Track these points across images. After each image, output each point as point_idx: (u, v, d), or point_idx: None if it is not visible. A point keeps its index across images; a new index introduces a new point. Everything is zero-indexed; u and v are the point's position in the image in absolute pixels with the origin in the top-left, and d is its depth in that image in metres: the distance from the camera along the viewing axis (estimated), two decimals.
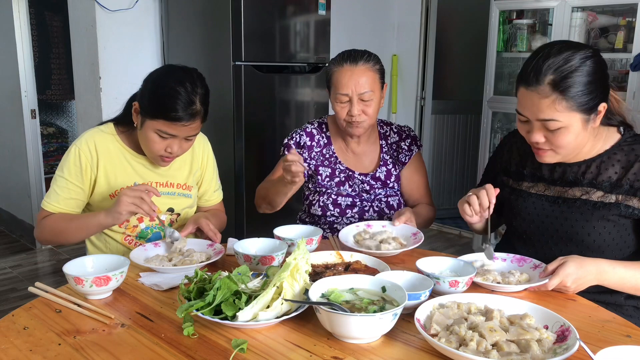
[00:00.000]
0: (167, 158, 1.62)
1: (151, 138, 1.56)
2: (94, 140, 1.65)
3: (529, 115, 1.35)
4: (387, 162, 1.91)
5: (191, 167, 1.78)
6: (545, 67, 1.29)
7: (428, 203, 1.94)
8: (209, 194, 1.87)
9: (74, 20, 3.28)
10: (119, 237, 1.69)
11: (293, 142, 1.89)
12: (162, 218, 1.71)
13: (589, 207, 1.41)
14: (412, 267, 1.35)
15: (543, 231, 1.49)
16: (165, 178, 1.73)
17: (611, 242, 1.40)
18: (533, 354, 0.97)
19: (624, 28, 3.08)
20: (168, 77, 1.54)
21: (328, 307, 1.03)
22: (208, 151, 1.84)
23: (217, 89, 2.91)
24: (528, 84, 1.31)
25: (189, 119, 1.52)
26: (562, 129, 1.32)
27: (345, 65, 1.76)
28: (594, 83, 1.29)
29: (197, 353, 1.01)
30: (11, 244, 4.15)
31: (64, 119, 5.46)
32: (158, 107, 1.51)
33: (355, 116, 1.75)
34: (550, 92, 1.28)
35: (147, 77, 1.59)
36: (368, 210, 1.87)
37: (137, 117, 1.59)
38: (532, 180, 1.53)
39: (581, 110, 1.30)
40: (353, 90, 1.74)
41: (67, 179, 1.62)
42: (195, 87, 1.53)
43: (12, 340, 1.06)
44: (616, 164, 1.40)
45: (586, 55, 1.30)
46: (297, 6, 3.05)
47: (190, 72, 1.57)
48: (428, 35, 4.42)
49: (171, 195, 1.74)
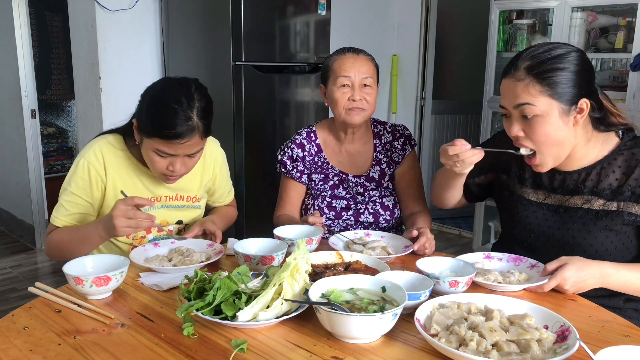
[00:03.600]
0: (171, 177, 1.55)
1: (151, 157, 1.50)
2: (102, 153, 1.58)
3: (506, 104, 1.36)
4: (380, 162, 1.90)
5: (202, 178, 1.74)
6: (524, 55, 1.33)
7: (422, 208, 1.88)
8: (224, 197, 1.87)
9: (74, 20, 3.28)
10: (126, 247, 1.66)
11: (286, 158, 1.88)
12: (170, 228, 1.70)
13: (591, 217, 1.39)
14: (412, 267, 1.35)
15: (544, 241, 1.47)
16: (175, 192, 1.69)
17: (613, 250, 1.39)
18: (533, 354, 0.97)
19: (624, 28, 3.08)
20: (164, 93, 1.48)
21: (328, 307, 1.03)
22: (219, 157, 1.79)
23: (217, 89, 2.92)
24: (507, 73, 1.35)
25: (186, 135, 1.44)
26: (538, 118, 1.31)
27: (347, 54, 1.80)
28: (574, 74, 1.30)
29: (197, 353, 1.01)
30: (11, 244, 4.15)
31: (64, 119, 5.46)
32: (153, 125, 1.45)
33: (357, 101, 1.76)
34: (524, 76, 1.31)
35: (144, 93, 1.53)
36: (363, 212, 1.86)
37: (137, 134, 1.53)
38: (532, 187, 1.51)
39: (557, 99, 1.29)
40: (356, 74, 1.75)
41: (75, 193, 1.57)
42: (191, 101, 1.44)
43: (12, 340, 1.06)
44: (617, 170, 1.38)
45: (569, 49, 1.32)
46: (297, 6, 3.05)
47: (188, 85, 1.49)
48: (428, 35, 4.42)
49: (180, 208, 1.71)
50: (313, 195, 1.89)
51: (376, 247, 1.53)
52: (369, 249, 1.51)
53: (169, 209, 1.69)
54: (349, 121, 1.80)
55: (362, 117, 1.79)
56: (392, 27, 4.53)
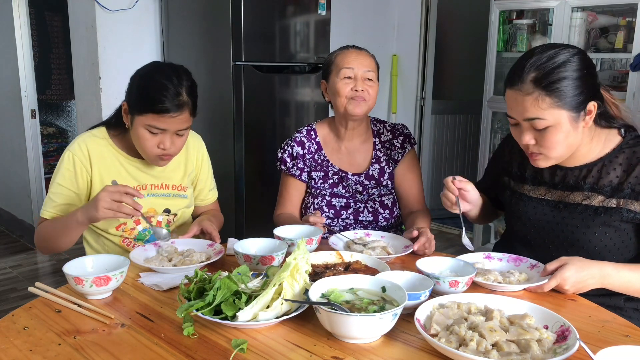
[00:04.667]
0: (164, 156, 1.60)
1: (142, 135, 1.55)
2: (87, 144, 1.64)
3: (515, 115, 1.35)
4: (380, 160, 1.90)
5: (186, 168, 1.79)
6: (528, 65, 1.30)
7: (422, 207, 1.90)
8: (205, 194, 1.88)
9: (74, 20, 3.29)
10: (117, 239, 1.69)
11: (287, 155, 1.89)
12: (159, 219, 1.72)
13: (590, 213, 1.40)
14: (412, 267, 1.35)
15: (544, 236, 1.48)
16: (160, 180, 1.73)
17: (612, 247, 1.40)
18: (533, 354, 0.97)
19: (624, 28, 3.08)
20: (154, 72, 1.57)
21: (328, 307, 1.03)
22: (202, 151, 1.85)
23: (217, 89, 2.92)
24: (512, 84, 1.33)
25: (177, 110, 1.52)
26: (549, 128, 1.31)
27: (350, 49, 1.84)
28: (579, 79, 1.29)
29: (197, 353, 1.01)
30: (11, 244, 4.15)
31: (64, 119, 5.46)
32: (145, 101, 1.52)
33: (360, 92, 1.77)
34: (532, 89, 1.29)
35: (133, 75, 1.60)
36: (362, 210, 1.86)
37: (127, 117, 1.59)
38: (533, 184, 1.52)
39: (567, 108, 1.29)
40: (358, 67, 1.78)
41: (61, 184, 1.63)
42: (181, 80, 1.54)
43: (12, 340, 1.06)
44: (617, 167, 1.39)
45: (571, 53, 1.30)
46: (297, 6, 3.05)
47: (176, 67, 1.59)
48: (428, 35, 4.42)
49: (167, 196, 1.74)
50: (313, 194, 1.89)
51: (376, 247, 1.53)
52: (369, 249, 1.51)
53: (155, 197, 1.71)
54: (351, 111, 1.79)
55: (363, 108, 1.79)
56: (392, 27, 4.53)
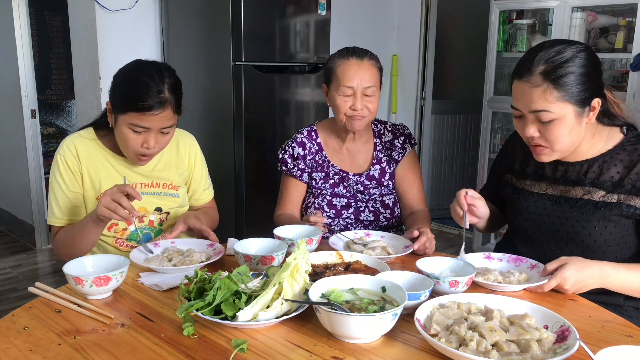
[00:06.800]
0: (144, 156, 1.60)
1: (125, 134, 1.54)
2: (75, 145, 1.65)
3: (521, 107, 1.36)
4: (381, 160, 1.91)
5: (177, 168, 1.77)
6: (537, 58, 1.32)
7: (422, 207, 1.91)
8: (199, 193, 1.86)
9: (74, 20, 3.28)
10: (110, 240, 1.69)
11: (287, 156, 1.89)
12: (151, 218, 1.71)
13: (590, 207, 1.41)
14: (412, 267, 1.35)
15: (544, 230, 1.49)
16: (150, 179, 1.72)
17: (612, 242, 1.40)
18: (533, 354, 0.97)
19: (624, 28, 3.08)
20: (136, 70, 1.56)
21: (328, 307, 1.03)
22: (195, 150, 1.83)
23: (217, 89, 2.92)
24: (520, 76, 1.34)
25: (159, 107, 1.50)
26: (554, 121, 1.32)
27: (351, 59, 1.77)
28: (586, 75, 1.31)
29: (197, 353, 1.01)
30: (11, 244, 4.15)
31: (64, 119, 5.46)
32: (127, 99, 1.51)
33: (359, 110, 1.76)
34: (541, 82, 1.30)
35: (116, 73, 1.59)
36: (363, 210, 1.87)
37: (111, 117, 1.59)
38: (534, 179, 1.54)
39: (573, 102, 1.31)
40: (359, 83, 1.75)
41: (62, 187, 1.63)
42: (162, 77, 1.53)
43: (12, 340, 1.06)
44: (619, 163, 1.40)
45: (578, 49, 1.32)
46: (297, 6, 3.05)
47: (158, 64, 1.58)
48: (428, 35, 4.42)
49: (157, 195, 1.73)
50: (313, 194, 1.89)
51: (376, 247, 1.53)
52: (369, 249, 1.51)
53: (146, 195, 1.69)
54: (350, 128, 1.81)
55: (362, 124, 1.80)
56: (392, 27, 4.53)
